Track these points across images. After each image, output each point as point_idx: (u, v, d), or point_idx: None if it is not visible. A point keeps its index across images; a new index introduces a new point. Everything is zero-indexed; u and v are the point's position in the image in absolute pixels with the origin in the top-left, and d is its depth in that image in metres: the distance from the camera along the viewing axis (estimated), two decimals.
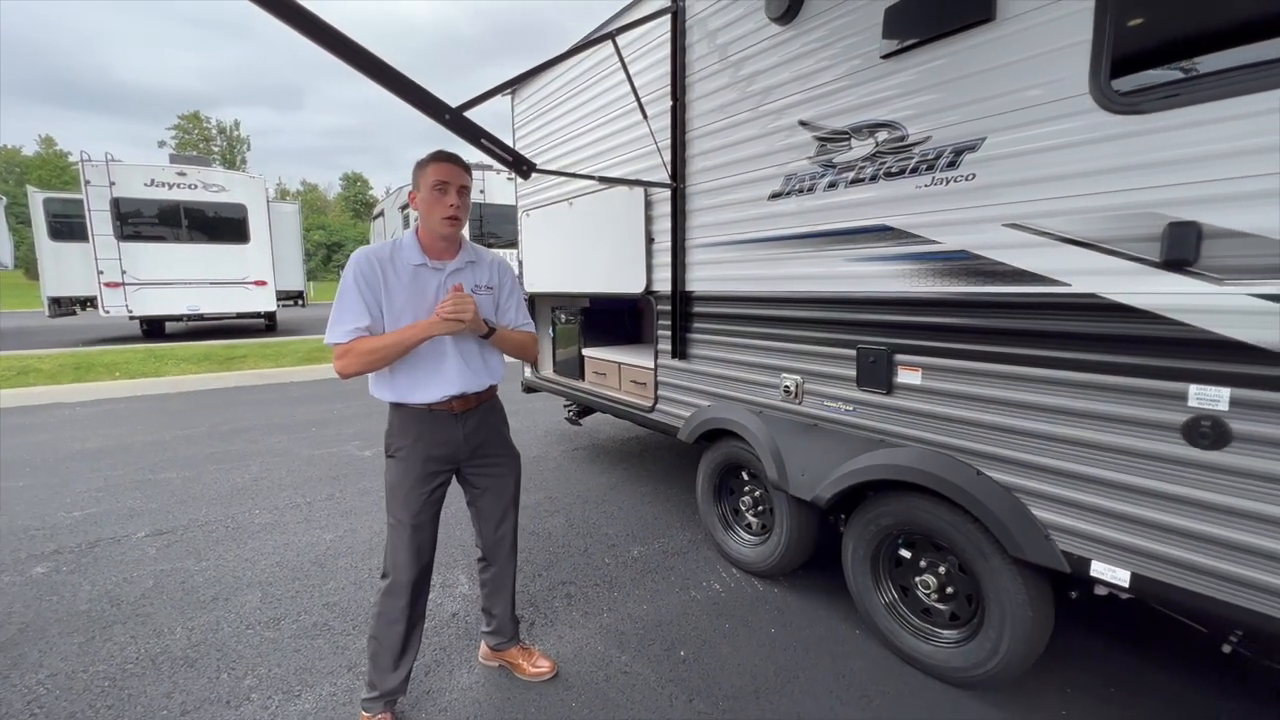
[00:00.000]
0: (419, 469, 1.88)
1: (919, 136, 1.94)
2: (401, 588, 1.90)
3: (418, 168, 1.83)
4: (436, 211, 1.80)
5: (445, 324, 1.75)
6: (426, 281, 1.85)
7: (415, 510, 1.88)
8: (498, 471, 2.06)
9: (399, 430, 1.89)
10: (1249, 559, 1.40)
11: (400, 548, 1.89)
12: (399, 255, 1.82)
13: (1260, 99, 1.30)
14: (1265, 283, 1.32)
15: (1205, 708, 1.97)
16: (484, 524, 2.10)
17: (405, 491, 1.87)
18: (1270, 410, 1.34)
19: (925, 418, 2.03)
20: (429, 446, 1.88)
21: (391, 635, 1.91)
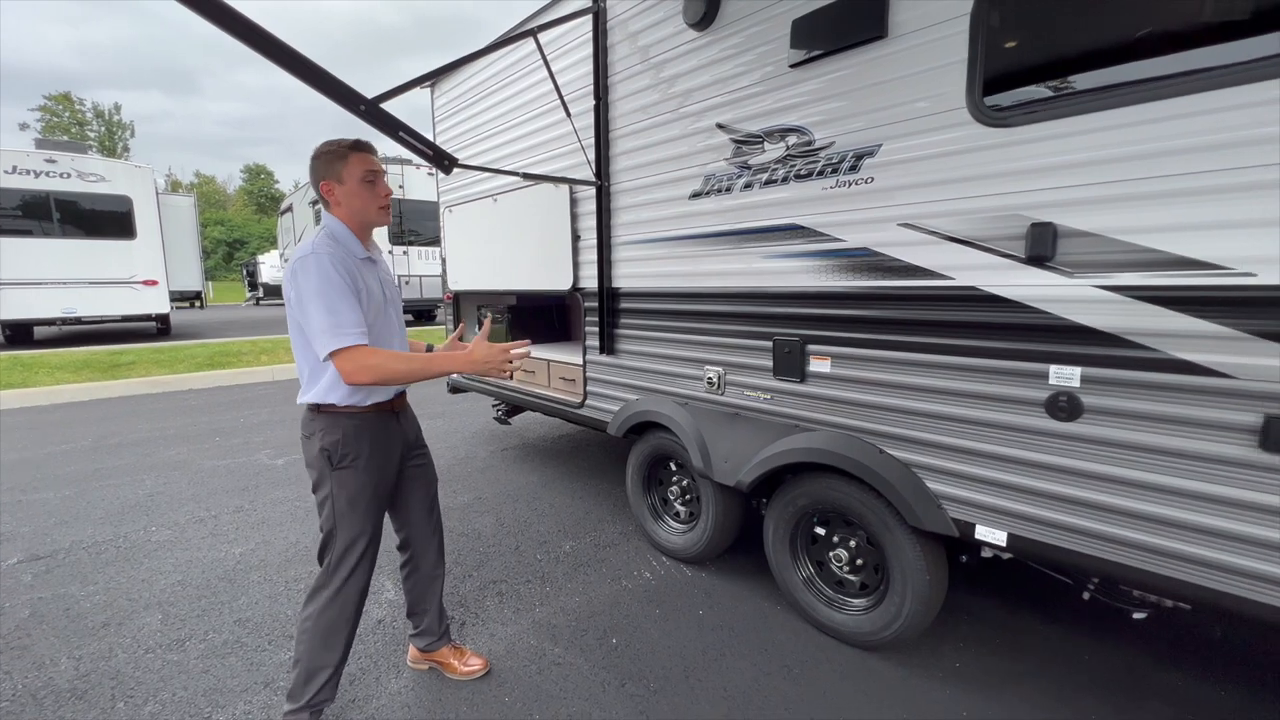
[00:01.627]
0: (378, 475, 1.82)
1: (824, 141, 2.09)
2: (354, 601, 1.84)
3: (334, 158, 1.75)
4: (372, 202, 1.76)
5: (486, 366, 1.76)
6: (373, 275, 1.81)
7: (377, 519, 1.84)
8: (424, 461, 2.07)
9: (353, 436, 1.77)
10: (1101, 515, 1.62)
11: (359, 560, 1.81)
12: (346, 248, 1.73)
13: (1101, 117, 1.51)
14: (1106, 275, 1.53)
15: (1071, 646, 2.25)
16: (417, 519, 2.06)
17: (367, 502, 1.80)
18: (1112, 385, 1.55)
19: (835, 403, 2.18)
20: (385, 450, 1.84)
21: (332, 646, 1.83)
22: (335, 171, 1.75)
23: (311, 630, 1.81)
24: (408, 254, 13.01)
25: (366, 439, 1.78)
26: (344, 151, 1.75)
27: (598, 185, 2.99)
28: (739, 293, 2.45)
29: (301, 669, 1.82)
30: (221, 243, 46.67)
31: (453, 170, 2.45)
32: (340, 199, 1.76)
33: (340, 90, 2.09)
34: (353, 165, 1.73)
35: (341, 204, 1.76)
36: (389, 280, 1.92)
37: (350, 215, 1.77)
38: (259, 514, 3.64)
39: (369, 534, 1.82)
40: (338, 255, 1.67)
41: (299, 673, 1.82)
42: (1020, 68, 1.71)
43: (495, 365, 1.75)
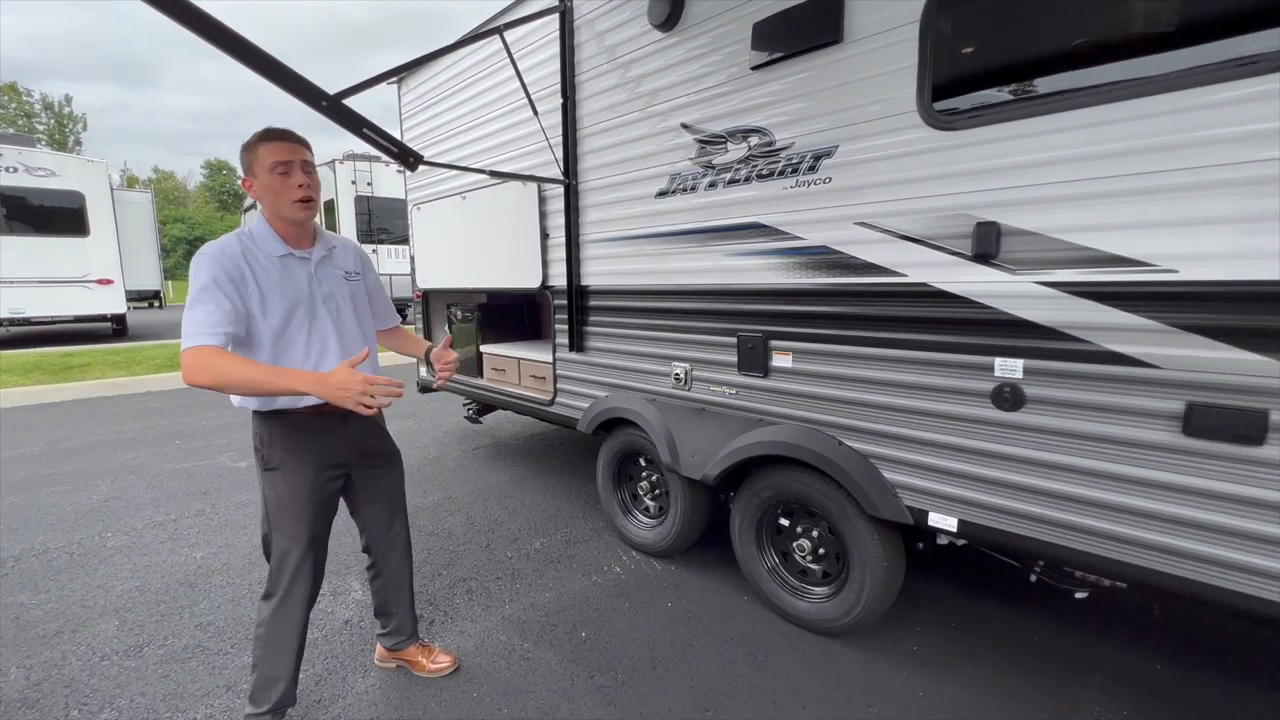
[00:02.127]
0: (311, 479, 1.75)
1: (785, 142, 2.15)
2: (297, 605, 1.79)
3: (246, 151, 1.66)
4: (285, 195, 1.64)
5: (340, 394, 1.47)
6: (297, 272, 1.72)
7: (310, 522, 1.76)
8: (386, 472, 2.00)
9: (279, 440, 1.72)
10: (1042, 499, 1.70)
11: (297, 565, 1.76)
12: (256, 247, 1.66)
13: (1038, 122, 1.59)
14: (1045, 272, 1.62)
15: (1021, 627, 2.35)
16: (375, 529, 2.02)
17: (299, 506, 1.74)
18: (1052, 376, 1.64)
19: (797, 397, 2.24)
20: (319, 454, 1.77)
21: (282, 652, 1.79)
22: (249, 165, 1.66)
23: (264, 637, 1.79)
24: (376, 252, 12.79)
25: (298, 441, 1.73)
26: (254, 143, 1.65)
27: (566, 184, 3.01)
28: (704, 290, 2.50)
29: (259, 674, 1.80)
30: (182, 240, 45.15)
31: (418, 167, 2.44)
32: (258, 193, 1.66)
33: (302, 86, 2.07)
34: (262, 156, 1.63)
35: (260, 199, 1.68)
36: (334, 276, 1.81)
37: (270, 211, 1.69)
38: (221, 517, 3.57)
39: (304, 539, 1.75)
40: (230, 253, 1.59)
41: (257, 677, 1.80)
42: (966, 73, 1.79)
43: (351, 395, 1.46)
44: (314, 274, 1.76)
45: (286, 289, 1.68)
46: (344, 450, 1.84)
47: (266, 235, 1.69)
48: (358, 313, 1.87)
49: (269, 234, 1.69)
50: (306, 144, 1.71)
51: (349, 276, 1.87)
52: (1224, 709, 1.93)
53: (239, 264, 1.60)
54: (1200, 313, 1.40)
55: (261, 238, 1.68)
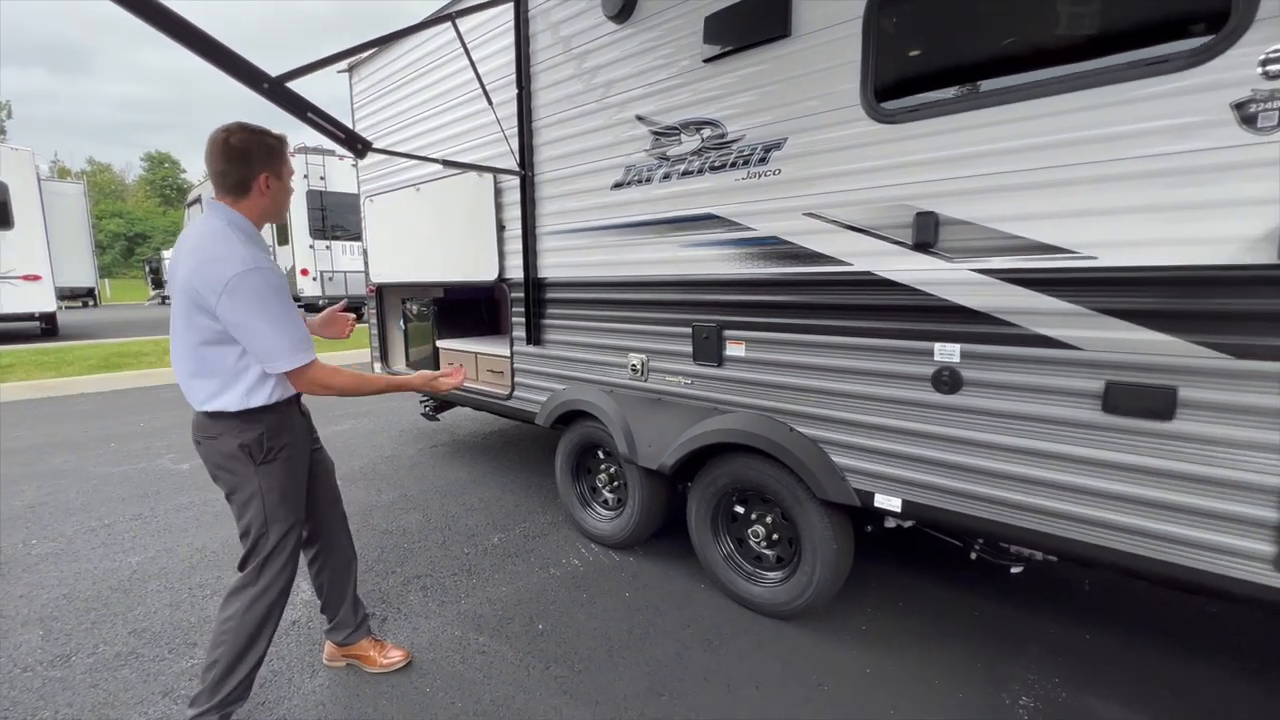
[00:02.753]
0: (302, 463, 1.84)
1: (736, 134, 2.18)
2: (284, 593, 1.81)
3: (280, 152, 1.71)
4: (285, 205, 1.79)
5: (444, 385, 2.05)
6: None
7: (300, 508, 1.83)
8: (323, 454, 2.04)
9: (276, 428, 1.73)
10: (980, 478, 1.78)
11: (288, 553, 1.79)
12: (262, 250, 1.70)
13: (972, 116, 1.67)
14: (979, 260, 1.69)
15: (963, 604, 2.45)
16: (322, 509, 2.02)
17: (299, 492, 1.82)
18: (986, 359, 1.72)
19: (750, 385, 2.29)
20: (301, 439, 1.84)
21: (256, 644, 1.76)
22: (277, 167, 1.70)
23: (235, 629, 1.73)
24: (330, 249, 12.41)
25: (288, 429, 1.77)
26: (285, 149, 1.73)
27: (522, 175, 2.98)
28: (660, 281, 2.52)
29: (220, 668, 1.73)
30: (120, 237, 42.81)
31: (367, 155, 2.38)
32: (269, 195, 1.71)
33: (242, 67, 2.00)
34: (290, 167, 1.75)
35: (265, 199, 1.70)
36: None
37: (262, 213, 1.73)
38: (160, 521, 3.40)
39: (301, 523, 1.84)
40: (266, 263, 1.63)
41: (216, 673, 1.73)
42: (906, 69, 1.86)
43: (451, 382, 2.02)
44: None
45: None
46: (307, 431, 1.92)
47: (259, 238, 1.72)
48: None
49: (259, 236, 1.72)
50: None
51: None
52: (1144, 669, 2.06)
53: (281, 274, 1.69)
54: (1117, 297, 1.49)
55: (257, 240, 1.70)
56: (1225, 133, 1.33)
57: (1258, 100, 1.29)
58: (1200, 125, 1.36)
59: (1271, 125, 1.28)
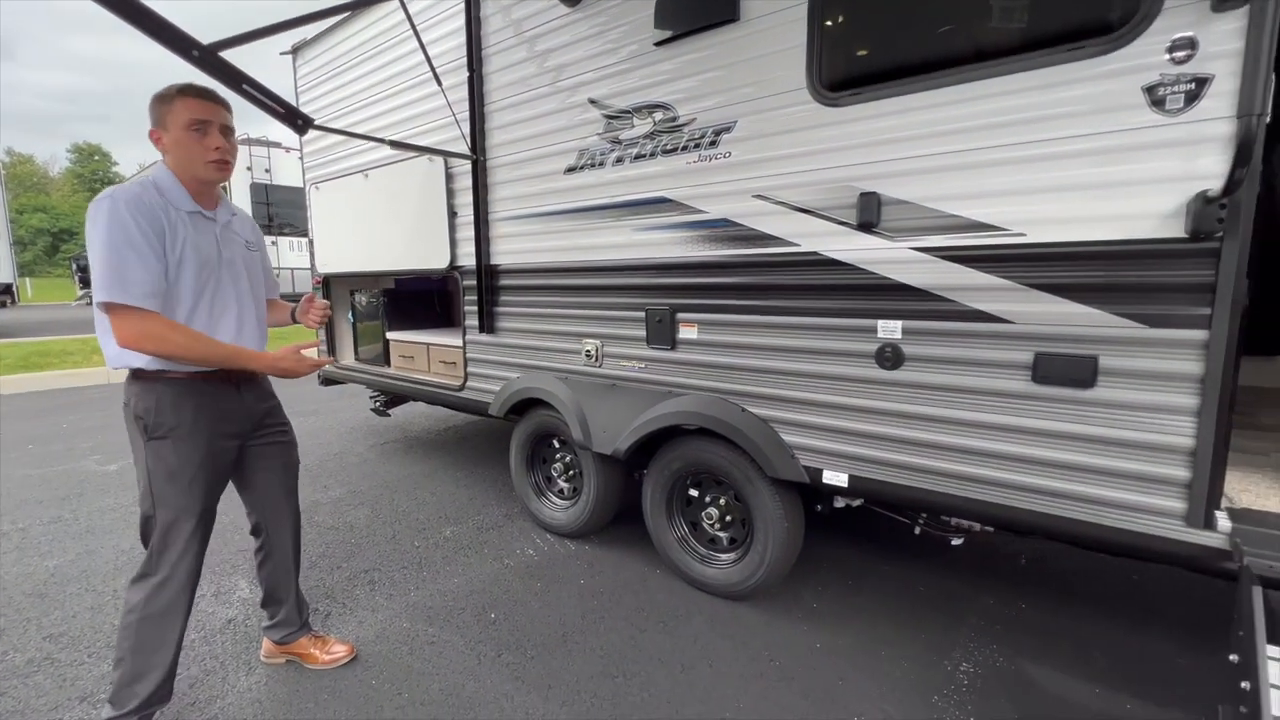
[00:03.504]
0: (205, 447, 1.66)
1: (687, 118, 2.20)
2: (182, 586, 1.67)
3: (160, 102, 1.60)
4: (198, 155, 1.60)
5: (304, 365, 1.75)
6: (206, 233, 1.66)
7: (203, 494, 1.67)
8: (282, 444, 1.94)
9: (169, 406, 1.61)
10: (922, 450, 1.84)
11: (185, 541, 1.64)
12: (167, 200, 1.58)
13: (911, 99, 1.72)
14: (919, 238, 1.75)
15: (909, 579, 2.53)
16: (267, 502, 1.92)
17: (191, 476, 1.64)
18: (926, 335, 1.78)
19: (702, 367, 2.30)
20: (214, 422, 1.68)
21: (161, 640, 1.65)
22: (161, 117, 1.60)
23: (137, 624, 1.62)
24: (276, 244, 11.93)
25: (189, 407, 1.63)
26: (170, 95, 1.60)
27: (474, 159, 2.93)
28: (613, 265, 2.51)
29: (125, 669, 1.62)
30: (43, 232, 40.08)
31: (308, 131, 2.30)
32: (167, 147, 1.61)
33: (169, 33, 1.89)
34: (178, 111, 1.58)
35: (169, 153, 1.62)
36: (236, 243, 1.78)
37: (179, 167, 1.63)
38: (82, 523, 3.19)
39: (195, 513, 1.65)
40: (144, 201, 1.51)
41: (122, 674, 1.63)
42: (849, 53, 1.91)
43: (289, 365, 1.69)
44: (220, 237, 1.71)
45: (199, 249, 1.62)
46: (239, 418, 1.77)
47: (175, 188, 1.61)
48: (254, 283, 1.83)
49: (177, 187, 1.61)
50: (228, 107, 1.68)
51: (250, 247, 1.84)
52: (1076, 635, 2.16)
53: (159, 216, 1.53)
54: (1044, 272, 1.57)
55: (170, 190, 1.59)
56: (1138, 115, 1.42)
57: (1165, 84, 1.38)
58: (1115, 108, 1.44)
59: (1178, 108, 1.37)
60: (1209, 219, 1.33)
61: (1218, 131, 1.33)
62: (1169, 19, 1.36)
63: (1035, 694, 1.88)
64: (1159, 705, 1.82)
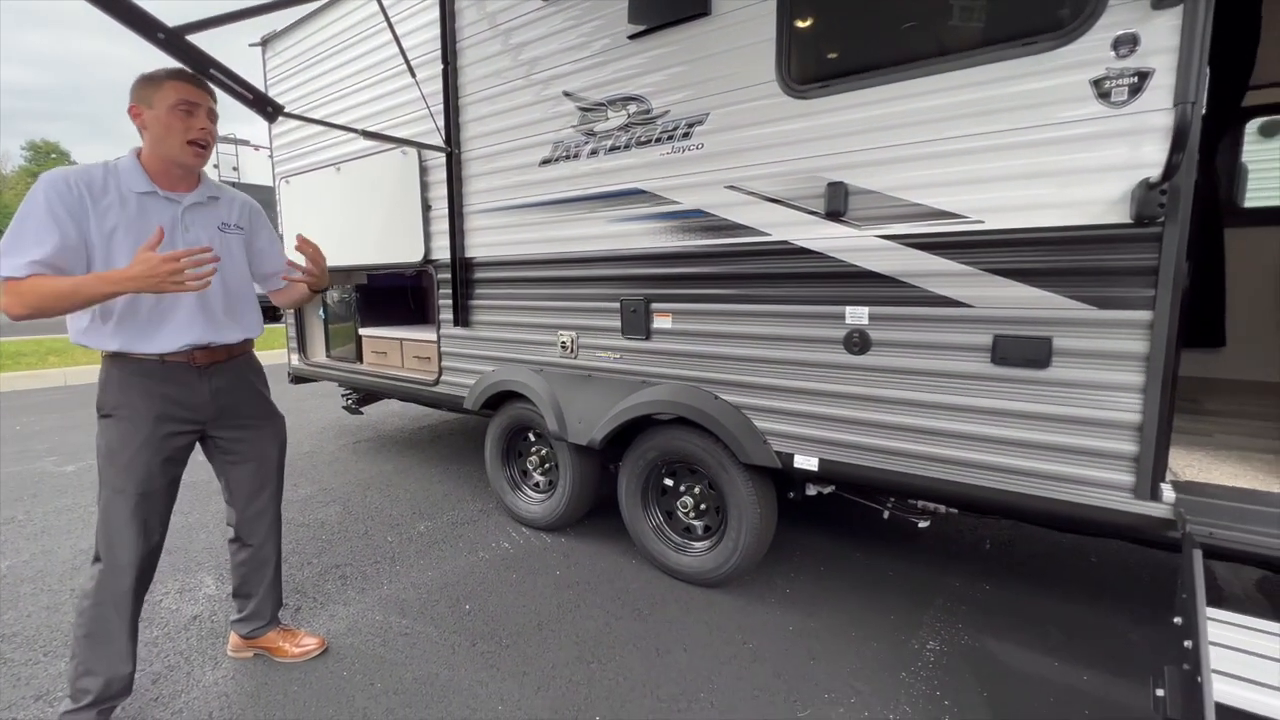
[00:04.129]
0: (147, 429, 1.62)
1: (661, 110, 2.23)
2: (122, 569, 1.62)
3: (147, 82, 1.59)
4: (177, 135, 1.58)
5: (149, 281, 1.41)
6: (156, 214, 1.61)
7: (142, 477, 1.62)
8: (257, 437, 1.88)
9: (117, 385, 1.61)
10: (889, 433, 1.89)
11: (121, 522, 1.61)
12: (113, 180, 1.56)
13: (875, 91, 1.78)
14: (884, 226, 1.81)
15: (878, 564, 2.59)
16: (238, 497, 1.89)
17: (129, 457, 1.61)
18: (892, 320, 1.83)
19: (676, 356, 2.33)
20: (161, 404, 1.64)
21: (109, 627, 1.62)
22: (146, 95, 1.58)
23: (89, 610, 1.61)
24: None
25: (136, 390, 1.61)
26: (161, 77, 1.60)
27: (448, 152, 2.92)
28: (588, 257, 2.53)
29: (79, 661, 1.61)
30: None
31: (277, 119, 2.28)
32: (146, 124, 1.59)
33: (134, 14, 1.86)
34: (166, 92, 1.57)
35: (146, 131, 1.60)
36: (206, 225, 1.72)
37: (152, 146, 1.61)
38: (37, 524, 3.08)
39: (130, 495, 1.60)
40: (73, 181, 1.49)
41: (75, 665, 1.61)
42: (817, 46, 1.96)
43: (159, 276, 1.42)
44: (179, 219, 1.66)
45: (137, 226, 1.57)
46: (195, 405, 1.71)
47: (131, 170, 1.60)
48: (226, 267, 1.75)
49: (134, 169, 1.60)
50: (215, 95, 1.69)
51: (225, 228, 1.78)
52: (1036, 613, 2.24)
53: (78, 191, 1.50)
54: (1001, 257, 1.64)
55: (125, 172, 1.59)
56: (1086, 107, 1.49)
57: (1111, 78, 1.45)
58: (1065, 100, 1.52)
59: (1123, 100, 1.45)
60: (1151, 204, 1.41)
61: (1159, 122, 1.41)
62: (1113, 16, 1.44)
63: (997, 668, 1.95)
64: (1112, 675, 1.90)
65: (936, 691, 1.84)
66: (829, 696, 1.82)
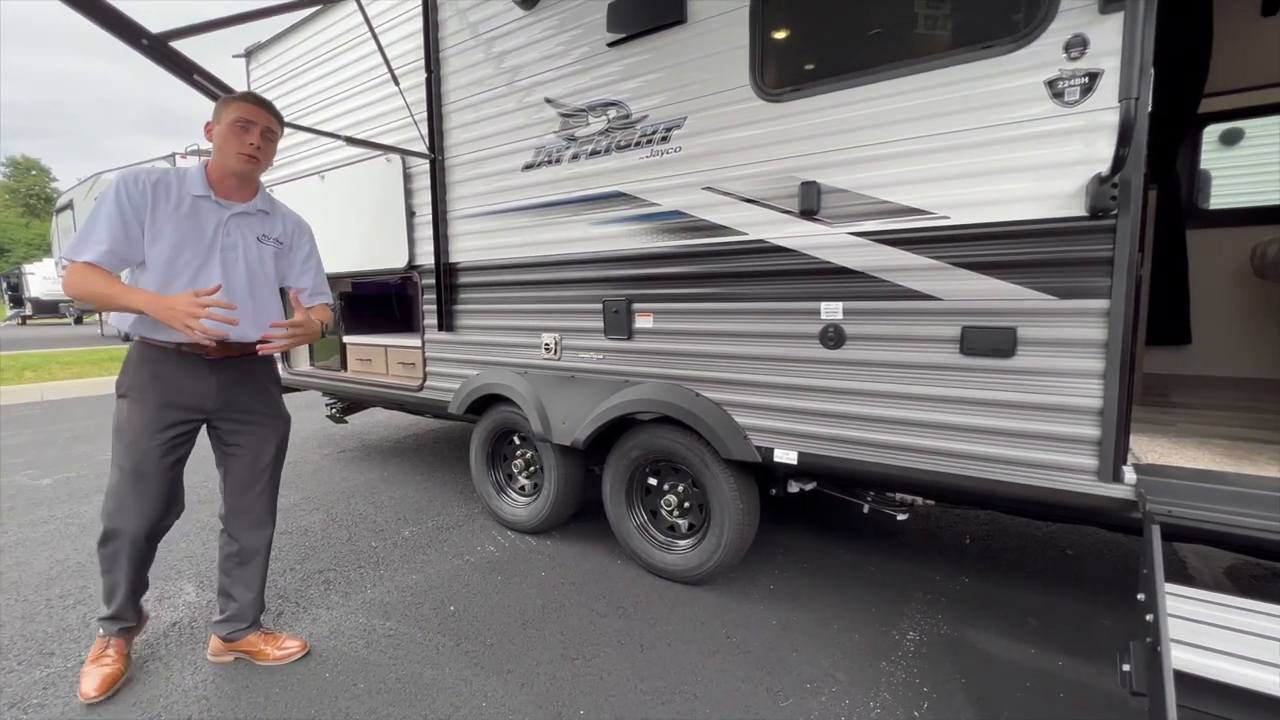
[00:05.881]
0: (151, 413, 1.74)
1: (640, 115, 2.29)
2: (122, 536, 1.77)
3: (223, 103, 1.79)
4: (232, 146, 1.75)
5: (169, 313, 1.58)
6: (205, 216, 1.77)
7: (138, 458, 1.73)
8: (257, 431, 1.93)
9: (135, 368, 1.76)
10: (864, 425, 1.93)
11: (123, 498, 1.75)
12: (179, 182, 1.76)
13: (844, 94, 1.85)
14: (855, 224, 1.86)
15: (861, 560, 2.62)
16: (230, 489, 1.95)
17: (132, 436, 1.73)
18: (865, 314, 1.89)
19: (658, 355, 2.37)
20: (168, 392, 1.76)
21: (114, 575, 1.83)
22: (217, 113, 1.79)
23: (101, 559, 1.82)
24: None
25: (148, 374, 1.75)
26: (233, 98, 1.80)
27: (432, 158, 2.96)
28: (571, 259, 2.57)
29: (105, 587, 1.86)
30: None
31: None
32: (213, 139, 1.79)
33: (117, 21, 1.90)
34: (231, 110, 1.76)
35: (214, 144, 1.79)
36: (246, 233, 1.84)
37: (215, 156, 1.80)
38: (11, 536, 3.03)
39: (127, 471, 1.74)
40: (139, 178, 1.69)
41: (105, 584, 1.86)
42: (789, 51, 2.03)
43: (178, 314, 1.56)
44: (224, 223, 1.80)
45: (186, 226, 1.74)
46: (202, 395, 1.81)
47: (194, 176, 1.78)
48: (255, 273, 1.86)
49: (197, 175, 1.78)
50: (278, 117, 1.85)
51: (264, 240, 1.89)
52: (1015, 604, 2.28)
53: (144, 188, 1.69)
54: (966, 251, 1.70)
55: (189, 176, 1.78)
56: (1041, 106, 1.57)
57: (1063, 78, 1.53)
58: (1022, 100, 1.59)
59: (1075, 99, 1.52)
60: (1104, 197, 1.47)
61: (1110, 120, 1.48)
62: (1064, 20, 1.52)
63: (976, 656, 1.98)
64: (1085, 660, 1.94)
65: (916, 679, 1.86)
66: (810, 686, 1.84)
